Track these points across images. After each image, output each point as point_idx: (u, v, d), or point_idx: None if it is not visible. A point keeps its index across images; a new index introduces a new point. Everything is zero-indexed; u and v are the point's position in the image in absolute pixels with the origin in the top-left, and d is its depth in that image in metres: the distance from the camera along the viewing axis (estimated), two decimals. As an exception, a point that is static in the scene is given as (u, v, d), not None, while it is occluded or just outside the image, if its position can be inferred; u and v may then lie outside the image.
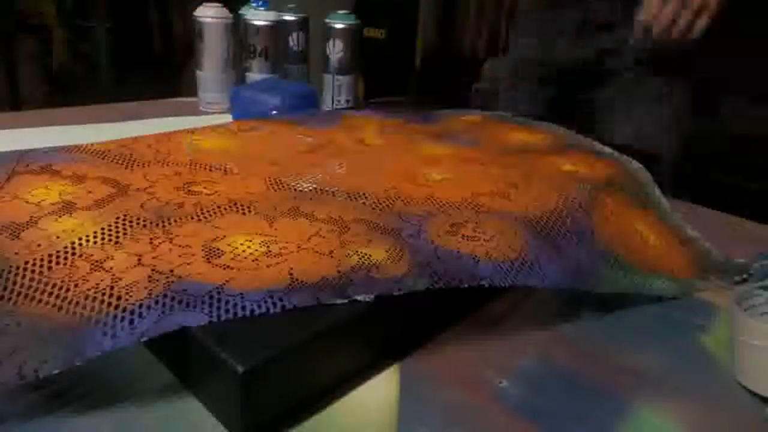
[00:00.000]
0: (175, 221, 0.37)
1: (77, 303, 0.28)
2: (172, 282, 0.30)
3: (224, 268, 0.32)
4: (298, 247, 0.35)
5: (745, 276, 0.45)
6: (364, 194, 0.44)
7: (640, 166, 0.58)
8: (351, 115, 0.70)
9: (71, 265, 0.31)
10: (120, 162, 0.46)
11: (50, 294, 0.29)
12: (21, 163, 0.44)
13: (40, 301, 0.29)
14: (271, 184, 0.44)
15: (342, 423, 0.29)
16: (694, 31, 0.63)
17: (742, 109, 1.32)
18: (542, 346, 0.36)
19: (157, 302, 0.28)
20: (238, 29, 0.84)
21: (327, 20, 0.86)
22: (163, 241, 0.34)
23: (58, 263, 0.32)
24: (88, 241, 0.34)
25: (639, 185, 0.55)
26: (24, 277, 0.30)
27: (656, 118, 0.76)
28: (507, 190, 0.48)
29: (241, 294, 0.30)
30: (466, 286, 0.33)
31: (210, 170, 0.46)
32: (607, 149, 0.62)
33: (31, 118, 0.73)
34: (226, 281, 0.31)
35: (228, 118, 0.75)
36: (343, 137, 0.59)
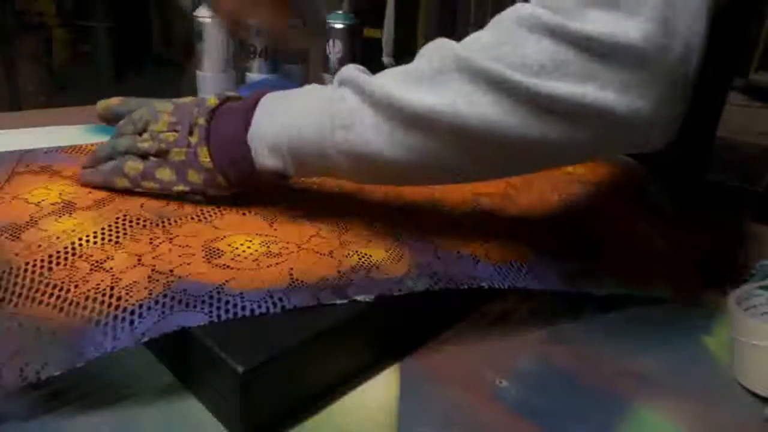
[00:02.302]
0: (175, 221, 0.37)
1: (77, 304, 0.28)
2: (172, 282, 0.30)
3: (224, 268, 0.32)
4: (298, 247, 0.35)
5: (745, 276, 0.45)
6: (364, 194, 0.44)
7: (641, 167, 0.58)
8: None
9: (71, 266, 0.31)
10: (120, 162, 0.46)
11: (51, 295, 0.29)
12: (21, 163, 0.44)
13: (41, 302, 0.29)
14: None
15: (342, 423, 0.29)
16: None
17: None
18: (542, 346, 0.36)
19: (157, 302, 0.28)
20: (238, 29, 0.84)
21: (327, 20, 0.86)
22: (163, 241, 0.34)
23: (58, 264, 0.32)
24: (88, 241, 0.34)
25: (639, 186, 0.55)
26: (25, 278, 0.30)
27: None
28: (507, 190, 0.48)
29: (241, 294, 0.30)
30: (465, 287, 0.33)
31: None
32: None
33: (31, 118, 0.73)
34: (226, 281, 0.31)
35: (228, 118, 0.74)
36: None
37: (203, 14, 0.80)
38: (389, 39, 0.59)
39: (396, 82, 0.31)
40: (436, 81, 0.30)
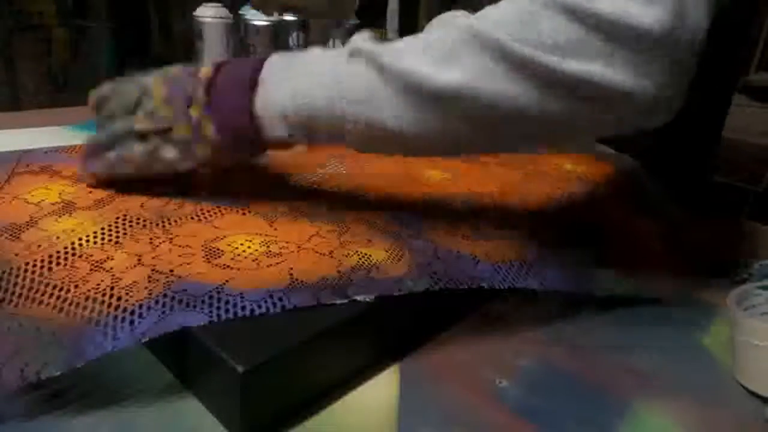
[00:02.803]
0: (175, 221, 0.37)
1: (77, 304, 0.28)
2: (172, 282, 0.30)
3: (224, 268, 0.32)
4: (298, 247, 0.35)
5: (745, 276, 0.45)
6: (364, 194, 0.44)
7: (641, 166, 0.58)
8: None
9: (71, 266, 0.31)
10: (120, 162, 0.46)
11: (51, 295, 0.29)
12: (21, 163, 0.44)
13: (41, 302, 0.29)
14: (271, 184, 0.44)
15: (342, 423, 0.29)
16: None
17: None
18: (542, 346, 0.36)
19: (157, 302, 0.28)
20: (238, 29, 0.84)
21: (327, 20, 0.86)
22: (163, 241, 0.34)
23: (58, 264, 0.32)
24: (88, 241, 0.34)
25: (639, 186, 0.55)
26: (24, 278, 0.30)
27: None
28: (507, 189, 0.48)
29: (241, 294, 0.30)
30: (465, 287, 0.33)
31: (210, 170, 0.46)
32: (608, 149, 0.62)
33: (31, 118, 0.73)
34: (226, 281, 0.31)
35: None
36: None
37: (203, 14, 0.80)
38: (393, 28, 0.59)
39: (413, 57, 0.31)
40: (456, 57, 0.30)
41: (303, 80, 0.34)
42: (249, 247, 0.34)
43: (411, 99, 0.31)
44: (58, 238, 0.34)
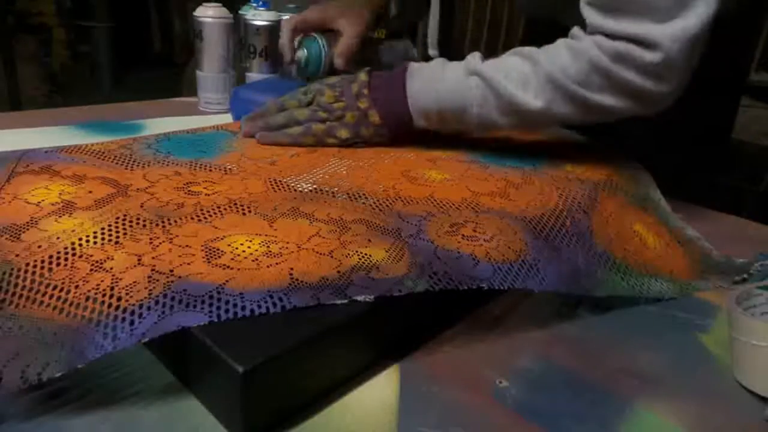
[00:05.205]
0: (175, 221, 0.37)
1: (78, 305, 0.28)
2: (172, 282, 0.30)
3: (224, 268, 0.32)
4: (298, 247, 0.35)
5: (745, 276, 0.45)
6: (364, 194, 0.44)
7: (641, 166, 0.58)
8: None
9: (72, 266, 0.31)
10: (120, 162, 0.46)
11: (51, 296, 0.29)
12: (21, 163, 0.44)
13: (41, 303, 0.29)
14: (270, 185, 0.44)
15: (341, 423, 0.29)
16: None
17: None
18: (542, 346, 0.36)
19: (157, 302, 0.28)
20: (238, 29, 0.84)
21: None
22: (163, 241, 0.34)
23: (58, 264, 0.32)
24: (88, 241, 0.34)
25: (639, 186, 0.55)
26: (25, 279, 0.30)
27: None
28: (507, 190, 0.48)
29: (241, 294, 0.30)
30: (465, 287, 0.33)
31: (210, 170, 0.46)
32: (608, 150, 0.62)
33: (31, 118, 0.73)
34: (226, 281, 0.31)
35: (228, 118, 0.75)
36: (343, 137, 0.59)
37: (203, 14, 0.80)
38: (434, 32, 0.64)
39: (513, 87, 0.50)
40: (539, 91, 0.50)
41: (440, 91, 0.53)
42: (249, 247, 0.34)
43: (507, 109, 0.51)
44: (58, 238, 0.34)
